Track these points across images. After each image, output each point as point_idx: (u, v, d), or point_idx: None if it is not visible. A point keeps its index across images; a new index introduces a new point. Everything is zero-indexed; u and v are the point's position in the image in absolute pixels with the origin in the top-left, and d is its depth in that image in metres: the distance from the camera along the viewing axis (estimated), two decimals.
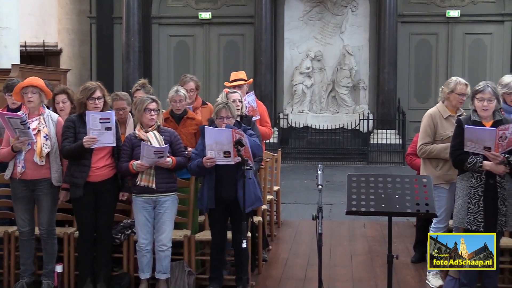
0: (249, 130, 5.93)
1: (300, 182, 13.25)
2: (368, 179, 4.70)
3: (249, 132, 5.88)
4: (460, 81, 6.12)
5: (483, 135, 5.30)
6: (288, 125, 17.33)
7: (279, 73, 17.87)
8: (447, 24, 17.61)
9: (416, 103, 17.60)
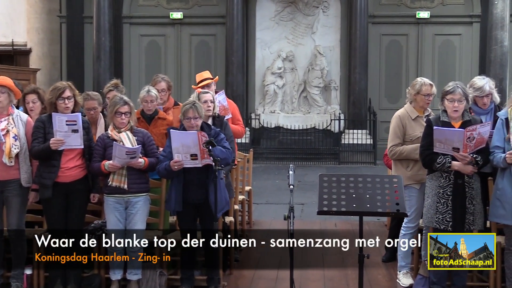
0: (220, 134, 5.91)
1: (272, 182, 13.26)
2: (340, 179, 4.74)
3: (220, 137, 5.87)
4: (425, 82, 6.19)
5: (452, 136, 5.38)
6: (259, 125, 17.34)
7: (250, 73, 17.87)
8: (417, 25, 17.76)
9: (387, 104, 17.72)
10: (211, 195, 5.58)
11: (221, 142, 5.84)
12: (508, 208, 5.58)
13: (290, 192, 4.84)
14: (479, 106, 6.32)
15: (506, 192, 5.59)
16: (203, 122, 5.95)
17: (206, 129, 5.84)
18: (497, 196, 5.65)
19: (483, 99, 6.27)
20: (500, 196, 5.61)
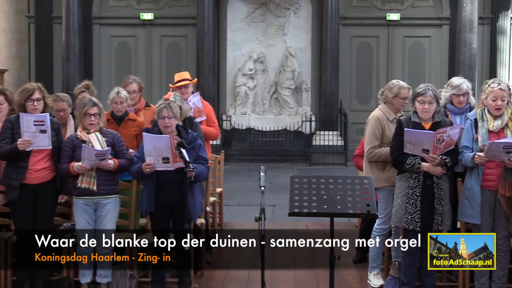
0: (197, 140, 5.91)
1: (243, 184, 13.26)
2: (311, 180, 4.76)
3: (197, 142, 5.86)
4: (403, 85, 6.24)
5: (422, 138, 5.44)
6: (231, 126, 17.32)
7: (222, 75, 17.84)
8: (387, 27, 17.89)
9: (357, 105, 17.83)
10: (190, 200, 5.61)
11: (198, 150, 5.84)
12: (476, 208, 5.67)
13: (261, 193, 4.84)
14: (455, 104, 6.38)
15: (474, 191, 5.68)
16: (180, 126, 5.94)
17: (183, 133, 5.84)
18: (465, 195, 5.74)
19: (459, 98, 6.34)
20: (469, 196, 5.70)
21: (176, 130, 5.85)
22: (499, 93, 5.72)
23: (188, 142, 5.69)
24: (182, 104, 6.38)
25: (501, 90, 5.73)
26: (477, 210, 5.67)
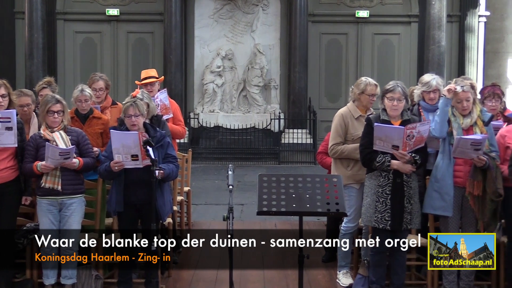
0: (166, 138, 5.89)
1: (211, 183, 13.24)
2: (279, 179, 4.77)
3: (165, 140, 5.85)
4: (370, 82, 6.28)
5: (392, 133, 5.48)
6: (198, 124, 17.28)
7: (189, 72, 17.79)
8: (356, 24, 18.00)
9: (326, 103, 17.91)
10: (159, 199, 5.59)
11: (167, 148, 5.82)
12: (448, 199, 5.72)
13: (230, 192, 4.85)
14: (426, 101, 6.46)
15: (446, 183, 5.72)
16: (148, 124, 5.92)
17: (151, 131, 5.82)
18: (435, 188, 5.77)
19: (430, 94, 6.41)
20: (440, 188, 5.74)
21: (144, 128, 5.82)
22: (463, 95, 5.81)
23: (156, 140, 5.67)
24: (150, 101, 6.35)
25: (464, 92, 5.81)
26: (450, 202, 5.72)
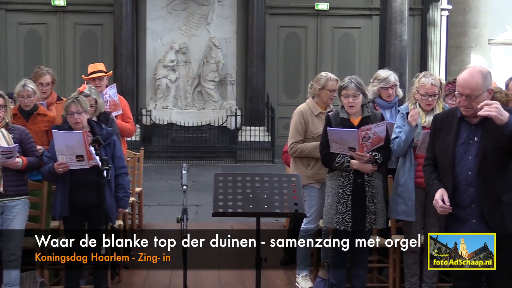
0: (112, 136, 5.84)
1: (164, 183, 13.19)
2: (236, 178, 4.77)
3: (112, 138, 5.79)
4: (330, 77, 6.31)
5: (346, 136, 5.52)
6: (151, 122, 17.18)
7: (141, 66, 17.66)
8: (316, 17, 18.10)
9: (285, 99, 17.97)
10: (109, 200, 5.53)
11: (114, 147, 5.78)
12: (410, 204, 5.78)
13: (184, 193, 4.83)
14: (383, 98, 6.50)
15: (408, 187, 5.78)
16: (93, 121, 5.86)
17: (97, 129, 5.76)
18: (398, 192, 5.84)
19: (388, 91, 6.47)
20: (402, 192, 5.80)
21: (89, 126, 5.76)
22: (431, 88, 5.84)
23: (102, 138, 5.61)
24: (97, 97, 6.29)
25: (433, 85, 5.85)
26: (412, 207, 5.78)
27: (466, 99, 4.36)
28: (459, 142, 4.47)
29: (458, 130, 4.49)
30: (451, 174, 4.45)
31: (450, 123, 4.55)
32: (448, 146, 4.48)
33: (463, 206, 4.42)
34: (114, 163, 5.74)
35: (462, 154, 4.44)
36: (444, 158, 4.50)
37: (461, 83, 4.40)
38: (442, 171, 4.54)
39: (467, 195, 4.41)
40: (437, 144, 4.59)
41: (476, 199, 4.39)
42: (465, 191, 4.42)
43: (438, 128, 4.63)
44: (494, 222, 4.35)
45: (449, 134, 4.51)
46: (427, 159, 4.74)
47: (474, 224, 4.41)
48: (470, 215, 4.42)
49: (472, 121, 4.44)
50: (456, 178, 4.44)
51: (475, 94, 4.35)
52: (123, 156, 6.05)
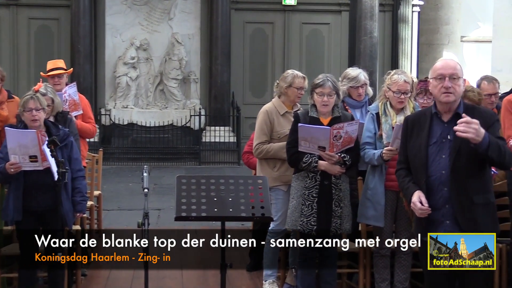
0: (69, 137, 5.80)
1: (125, 186, 13.13)
2: (199, 181, 4.77)
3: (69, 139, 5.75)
4: (297, 74, 6.33)
5: (317, 134, 5.54)
6: (110, 121, 17.08)
7: (99, 64, 17.54)
8: (283, 12, 18.15)
9: (251, 98, 17.98)
10: (65, 204, 5.49)
11: (71, 149, 5.74)
12: (379, 209, 5.82)
13: (145, 196, 4.81)
14: (353, 98, 6.54)
15: (377, 192, 5.82)
16: (49, 121, 5.82)
17: (53, 129, 5.72)
18: (367, 196, 5.87)
19: (358, 90, 6.50)
20: (372, 196, 5.83)
21: (45, 126, 5.72)
22: (403, 85, 5.86)
23: (59, 139, 5.56)
24: (54, 96, 6.25)
25: (406, 82, 5.88)
26: (381, 212, 5.82)
27: (449, 80, 4.41)
28: (432, 141, 4.51)
29: (431, 129, 4.53)
30: (424, 175, 4.48)
31: (422, 123, 4.59)
32: (421, 146, 4.52)
33: (437, 207, 4.46)
34: (70, 165, 5.70)
35: (435, 154, 4.48)
36: (417, 159, 4.54)
37: (442, 65, 4.47)
38: (415, 172, 4.58)
39: (441, 196, 4.45)
40: (409, 145, 4.63)
41: (449, 200, 4.44)
42: (439, 191, 4.46)
43: (409, 129, 4.67)
44: (465, 224, 4.40)
45: (421, 134, 4.55)
46: (399, 163, 4.78)
47: (448, 226, 4.45)
48: (444, 216, 4.46)
49: (445, 118, 4.49)
50: (430, 178, 4.47)
51: (458, 75, 4.42)
52: (80, 158, 6.02)
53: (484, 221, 4.42)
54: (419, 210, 4.42)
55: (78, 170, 5.85)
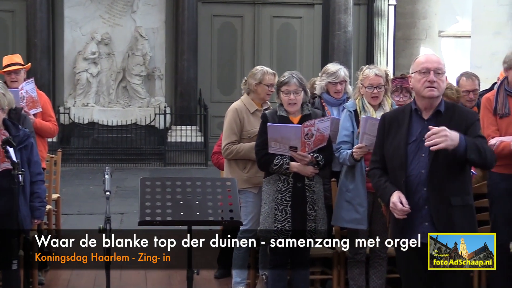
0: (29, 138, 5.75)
1: (85, 189, 13.07)
2: (165, 183, 4.76)
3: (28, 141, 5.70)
4: (267, 71, 6.34)
5: (288, 133, 5.54)
6: (70, 121, 16.99)
7: (58, 59, 17.44)
8: (253, 5, 18.17)
9: (219, 95, 17.99)
10: (23, 209, 5.44)
11: (31, 151, 5.68)
12: (362, 212, 5.81)
13: (106, 199, 4.78)
14: (331, 94, 6.55)
15: (359, 193, 5.81)
16: (8, 120, 5.75)
17: (13, 130, 5.65)
18: (347, 198, 5.86)
19: (337, 86, 6.51)
20: (352, 198, 5.83)
21: (3, 125, 5.67)
22: (375, 79, 5.89)
23: (19, 140, 5.51)
24: (5, 92, 6.19)
25: (377, 76, 5.89)
26: (364, 215, 5.81)
27: (434, 74, 4.44)
28: (411, 139, 4.53)
29: (410, 127, 4.56)
30: (404, 174, 4.50)
31: (400, 120, 4.61)
32: (400, 144, 4.54)
33: (416, 208, 4.48)
34: (30, 168, 5.65)
35: (415, 152, 4.50)
36: (395, 157, 4.56)
37: (427, 59, 4.51)
38: (393, 172, 4.59)
39: (420, 196, 4.47)
40: (387, 144, 4.64)
41: (427, 200, 4.46)
42: (418, 191, 4.48)
43: (387, 127, 4.68)
44: (441, 226, 4.44)
45: (400, 132, 4.57)
46: (373, 162, 4.79)
47: (426, 228, 4.47)
48: (423, 218, 4.48)
49: (425, 115, 4.52)
50: (409, 178, 4.49)
51: (442, 69, 4.47)
52: (40, 161, 5.96)
53: (462, 224, 4.46)
54: (399, 210, 4.43)
55: (38, 174, 5.80)
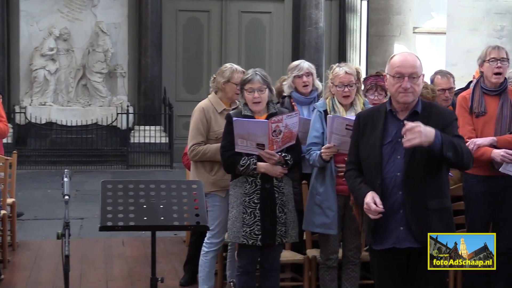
0: None
1: (43, 192, 12.97)
2: (127, 186, 4.73)
3: None
4: (236, 69, 6.34)
5: (254, 128, 5.54)
6: (26, 120, 16.87)
7: (13, 55, 17.30)
8: (220, 0, 18.18)
9: (185, 94, 17.97)
10: None
11: None
12: (331, 216, 5.81)
13: (65, 204, 4.74)
14: (299, 90, 6.56)
15: (329, 197, 5.81)
16: None
17: None
18: (316, 201, 5.86)
19: (303, 78, 6.52)
20: (322, 202, 5.82)
21: None
22: (345, 77, 5.89)
23: None
24: None
25: (347, 74, 5.90)
26: (333, 219, 5.80)
27: (408, 79, 4.44)
28: (387, 140, 4.54)
29: (385, 127, 4.56)
30: (379, 177, 4.51)
31: (375, 120, 4.62)
32: (375, 145, 4.54)
33: (391, 212, 4.49)
34: None
35: (390, 154, 4.51)
36: (370, 159, 4.56)
37: (401, 63, 4.46)
38: (368, 174, 4.59)
39: (395, 199, 4.48)
40: (362, 144, 4.65)
41: (403, 204, 4.48)
42: (394, 194, 4.48)
43: (362, 127, 4.69)
44: (418, 231, 4.45)
45: (375, 132, 4.57)
46: (349, 163, 4.79)
47: (401, 232, 4.49)
48: (398, 222, 4.49)
49: (401, 116, 4.54)
50: (384, 180, 4.50)
51: (418, 73, 4.44)
52: None
53: (438, 228, 4.48)
54: (373, 211, 4.43)
55: None
